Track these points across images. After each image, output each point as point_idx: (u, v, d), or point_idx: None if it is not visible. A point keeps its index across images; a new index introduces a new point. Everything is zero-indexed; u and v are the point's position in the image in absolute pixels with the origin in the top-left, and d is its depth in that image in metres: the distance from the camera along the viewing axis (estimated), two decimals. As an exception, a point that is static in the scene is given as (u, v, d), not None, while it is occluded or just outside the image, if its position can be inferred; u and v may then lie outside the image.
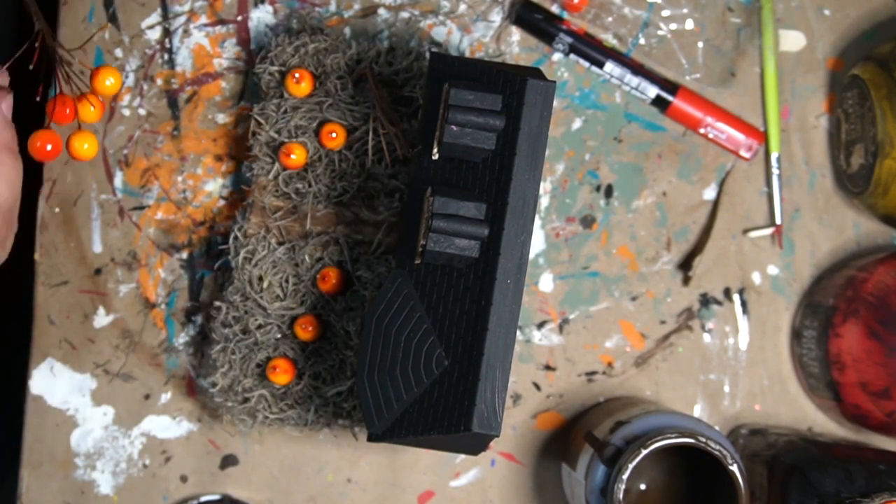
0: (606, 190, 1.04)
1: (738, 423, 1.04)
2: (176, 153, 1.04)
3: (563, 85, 1.04)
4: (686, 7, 1.04)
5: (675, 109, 1.04)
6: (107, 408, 1.04)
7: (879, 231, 1.05)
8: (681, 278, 1.05)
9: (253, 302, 0.99)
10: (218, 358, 0.99)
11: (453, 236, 0.87)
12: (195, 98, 1.04)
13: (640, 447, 0.92)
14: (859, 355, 0.97)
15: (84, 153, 0.84)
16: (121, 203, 1.04)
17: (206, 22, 1.04)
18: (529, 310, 1.04)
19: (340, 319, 0.98)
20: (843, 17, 1.05)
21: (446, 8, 1.04)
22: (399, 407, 0.88)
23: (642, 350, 1.04)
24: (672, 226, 1.05)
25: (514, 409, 1.04)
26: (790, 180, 1.05)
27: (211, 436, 1.04)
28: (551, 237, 1.04)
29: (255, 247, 0.99)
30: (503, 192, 0.86)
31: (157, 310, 1.04)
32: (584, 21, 1.04)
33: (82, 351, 1.04)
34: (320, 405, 0.98)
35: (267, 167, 0.99)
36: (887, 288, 0.97)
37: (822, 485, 0.94)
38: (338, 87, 0.99)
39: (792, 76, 1.05)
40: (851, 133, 1.01)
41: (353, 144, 0.99)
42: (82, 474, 1.04)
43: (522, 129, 0.86)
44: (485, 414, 0.84)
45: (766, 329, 1.04)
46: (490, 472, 1.04)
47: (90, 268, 1.04)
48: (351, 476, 1.04)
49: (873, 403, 0.98)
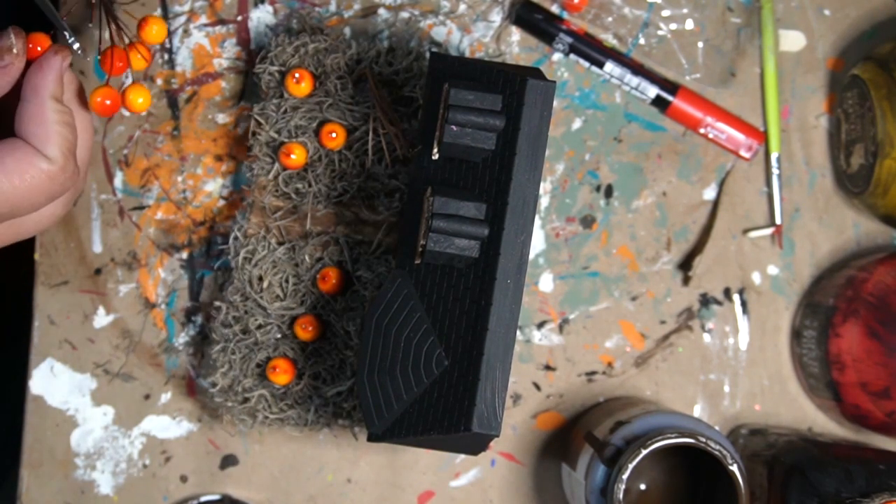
0: (606, 190, 1.04)
1: (738, 423, 1.04)
2: (176, 153, 1.04)
3: (563, 85, 1.04)
4: (686, 7, 1.04)
5: (675, 109, 1.04)
6: (107, 408, 1.04)
7: (879, 231, 1.05)
8: (681, 278, 1.05)
9: (253, 302, 0.99)
10: (218, 358, 0.99)
11: (453, 236, 0.87)
12: (195, 98, 1.04)
13: (640, 447, 0.92)
14: (859, 355, 0.97)
15: (139, 106, 0.89)
16: (121, 203, 1.04)
17: (206, 22, 1.04)
18: (529, 310, 1.04)
19: (340, 319, 0.98)
20: (843, 17, 1.05)
21: (446, 8, 1.04)
22: (399, 407, 0.88)
23: (642, 350, 1.04)
24: (672, 226, 1.05)
25: (514, 409, 1.04)
26: (790, 180, 1.05)
27: (211, 436, 1.04)
28: (551, 237, 1.04)
29: (255, 247, 0.99)
30: (503, 192, 0.86)
31: (157, 310, 1.04)
32: (584, 21, 1.04)
33: (82, 351, 1.04)
34: (320, 405, 0.98)
35: (267, 167, 0.99)
36: (887, 288, 0.97)
37: (822, 485, 0.94)
38: (338, 87, 0.99)
39: (792, 76, 1.05)
40: (851, 133, 1.01)
41: (353, 144, 0.99)
42: (82, 474, 1.04)
43: (522, 129, 0.86)
44: (485, 414, 0.84)
45: (766, 329, 1.04)
46: (490, 472, 1.04)
47: (90, 268, 1.04)
48: (351, 476, 1.04)
49: (873, 403, 0.98)
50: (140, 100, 0.89)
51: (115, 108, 0.89)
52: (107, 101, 0.88)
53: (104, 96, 0.88)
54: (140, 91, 0.89)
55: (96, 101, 0.88)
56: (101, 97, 0.88)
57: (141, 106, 0.89)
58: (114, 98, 0.88)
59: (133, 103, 0.89)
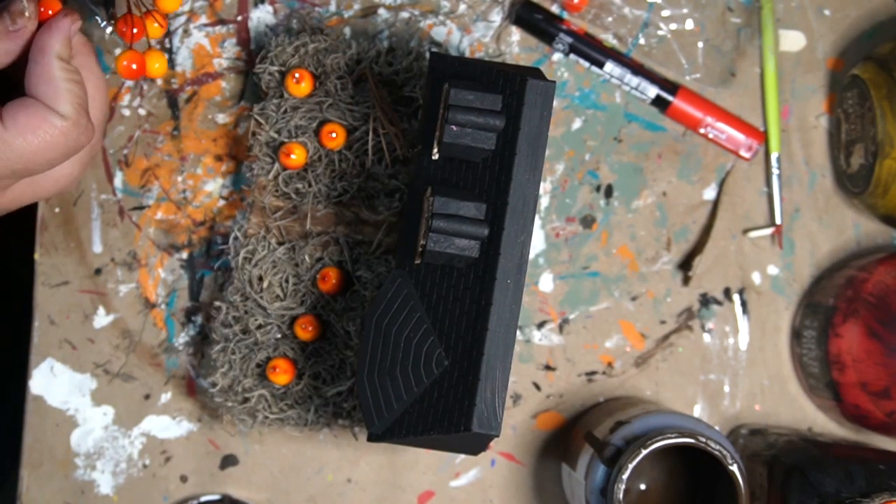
0: (606, 190, 1.04)
1: (738, 423, 1.04)
2: (176, 153, 1.04)
3: (563, 85, 1.04)
4: (686, 7, 1.04)
5: (675, 109, 1.04)
6: (107, 408, 1.04)
7: (879, 231, 1.05)
8: (681, 278, 1.05)
9: (253, 302, 0.99)
10: (218, 358, 0.99)
11: (453, 236, 0.87)
12: (195, 98, 1.04)
13: (640, 447, 0.92)
14: (859, 355, 0.97)
15: (156, 71, 0.93)
16: (121, 203, 1.04)
17: (206, 22, 1.04)
18: (529, 310, 1.04)
19: (340, 319, 0.98)
20: (843, 17, 1.05)
21: (446, 8, 1.04)
22: (399, 407, 0.88)
23: (642, 350, 1.04)
24: (672, 226, 1.05)
25: (514, 409, 1.04)
26: (790, 180, 1.05)
27: (211, 436, 1.04)
28: (551, 237, 1.04)
29: (255, 247, 0.99)
30: (503, 192, 0.86)
31: (157, 310, 1.04)
32: (584, 21, 1.04)
33: (82, 351, 1.04)
34: (320, 405, 0.98)
35: (267, 167, 0.99)
36: (887, 288, 0.97)
37: (822, 485, 0.94)
38: (338, 87, 0.99)
39: (792, 76, 1.05)
40: (851, 133, 1.01)
41: (353, 144, 0.99)
42: (82, 474, 1.04)
43: (522, 129, 0.86)
44: (485, 414, 0.84)
45: (766, 329, 1.04)
46: (490, 472, 1.04)
47: (90, 268, 1.04)
48: (351, 476, 1.04)
49: (873, 403, 0.98)
50: (157, 65, 0.93)
51: (141, 71, 0.92)
52: (133, 65, 0.91)
53: (130, 60, 0.91)
54: (157, 56, 0.93)
55: (122, 65, 0.91)
56: (126, 60, 0.91)
57: (158, 71, 0.93)
58: (139, 61, 0.91)
59: (150, 68, 0.93)
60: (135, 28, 0.91)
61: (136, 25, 0.91)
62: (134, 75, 0.92)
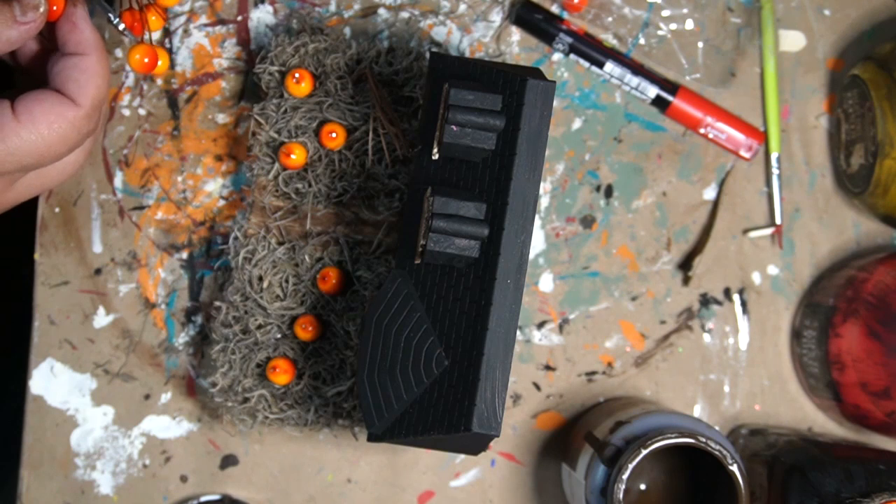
0: (606, 190, 1.04)
1: (738, 423, 1.04)
2: (176, 153, 1.04)
3: (563, 85, 1.04)
4: (686, 7, 1.04)
5: (675, 109, 1.04)
6: (107, 408, 1.04)
7: (879, 231, 1.05)
8: (681, 278, 1.05)
9: (253, 302, 0.99)
10: (218, 358, 0.99)
11: (453, 236, 0.87)
12: (195, 98, 1.04)
13: (640, 447, 0.92)
14: (859, 355, 0.97)
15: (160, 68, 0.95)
16: (121, 203, 1.04)
17: (206, 22, 1.04)
18: (529, 310, 1.04)
19: (340, 319, 0.98)
20: (843, 17, 1.05)
21: (446, 8, 1.04)
22: (399, 407, 0.88)
23: (642, 350, 1.04)
24: (672, 226, 1.05)
25: (514, 409, 1.04)
26: (790, 180, 1.05)
27: (211, 436, 1.04)
28: (551, 237, 1.04)
29: (255, 247, 0.99)
30: (503, 192, 0.86)
31: (157, 310, 1.04)
32: (584, 21, 1.04)
33: (82, 351, 1.04)
34: (320, 405, 0.98)
35: (267, 167, 0.99)
36: (887, 288, 0.97)
37: (822, 485, 0.94)
38: (338, 87, 0.99)
39: (792, 76, 1.05)
40: (851, 133, 1.01)
41: (353, 144, 0.99)
42: (82, 474, 1.04)
43: (522, 129, 0.86)
44: (485, 414, 0.84)
45: (766, 329, 1.04)
46: (490, 472, 1.04)
47: (90, 268, 1.04)
48: (351, 476, 1.04)
49: (873, 403, 0.98)
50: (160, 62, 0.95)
51: (153, 65, 0.94)
52: (145, 59, 0.93)
53: (143, 54, 0.93)
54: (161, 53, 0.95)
55: (135, 59, 0.93)
56: (139, 55, 0.93)
57: (161, 67, 0.95)
58: (151, 55, 0.93)
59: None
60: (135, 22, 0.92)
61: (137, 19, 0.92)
62: (146, 69, 0.93)
